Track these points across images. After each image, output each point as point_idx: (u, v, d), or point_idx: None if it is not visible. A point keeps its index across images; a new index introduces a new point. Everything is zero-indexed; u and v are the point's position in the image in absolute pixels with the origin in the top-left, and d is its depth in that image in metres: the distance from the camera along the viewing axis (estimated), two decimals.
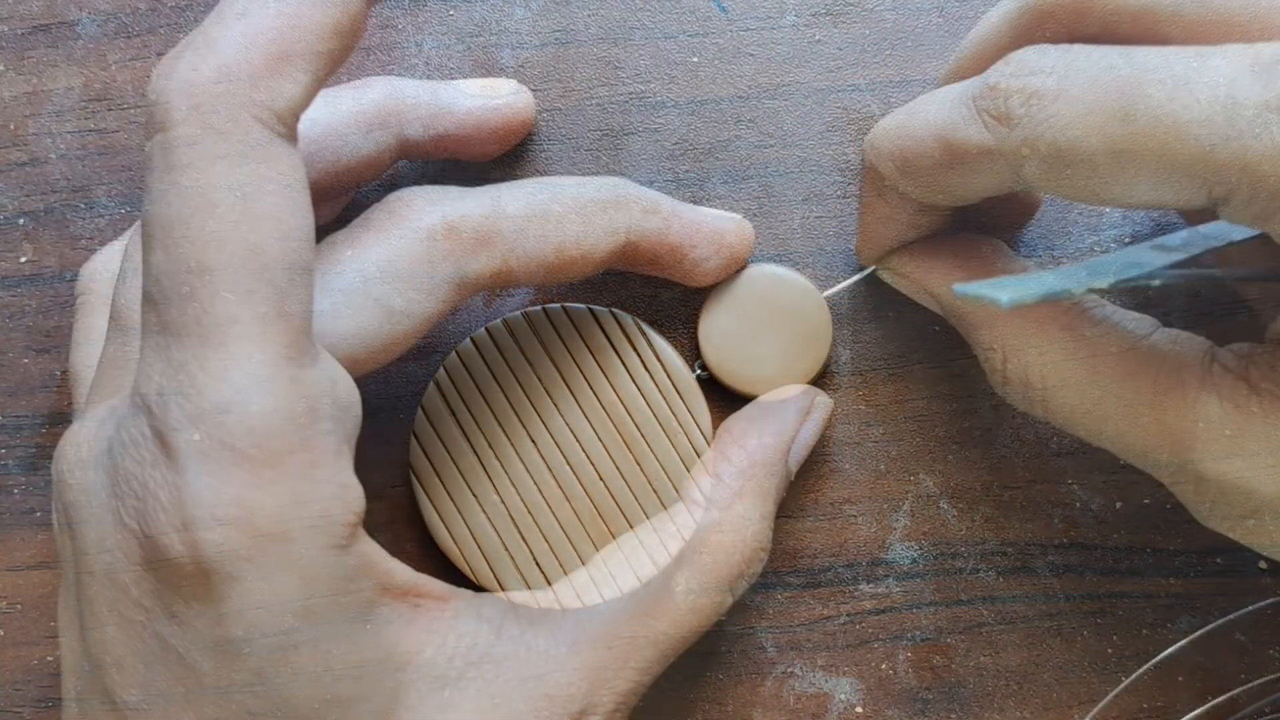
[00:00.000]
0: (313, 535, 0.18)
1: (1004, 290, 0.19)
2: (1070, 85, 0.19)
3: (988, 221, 0.27)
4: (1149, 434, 0.21)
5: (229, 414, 0.18)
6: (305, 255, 0.19)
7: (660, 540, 0.24)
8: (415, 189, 0.23)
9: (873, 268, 0.27)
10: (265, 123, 0.18)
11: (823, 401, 0.27)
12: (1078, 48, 0.19)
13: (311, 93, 0.19)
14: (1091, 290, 0.19)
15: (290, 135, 0.19)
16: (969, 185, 0.22)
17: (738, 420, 0.26)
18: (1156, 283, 0.20)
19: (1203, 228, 0.23)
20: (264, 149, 0.18)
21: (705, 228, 0.26)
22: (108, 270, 0.26)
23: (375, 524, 0.21)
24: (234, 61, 0.18)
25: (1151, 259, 0.21)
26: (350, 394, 0.20)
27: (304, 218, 0.19)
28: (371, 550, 0.20)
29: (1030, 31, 0.22)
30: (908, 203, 0.24)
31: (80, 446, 0.20)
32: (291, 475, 0.18)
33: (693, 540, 0.24)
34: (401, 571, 0.21)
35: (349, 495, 0.19)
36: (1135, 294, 0.27)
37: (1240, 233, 0.22)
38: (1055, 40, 0.21)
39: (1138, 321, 0.23)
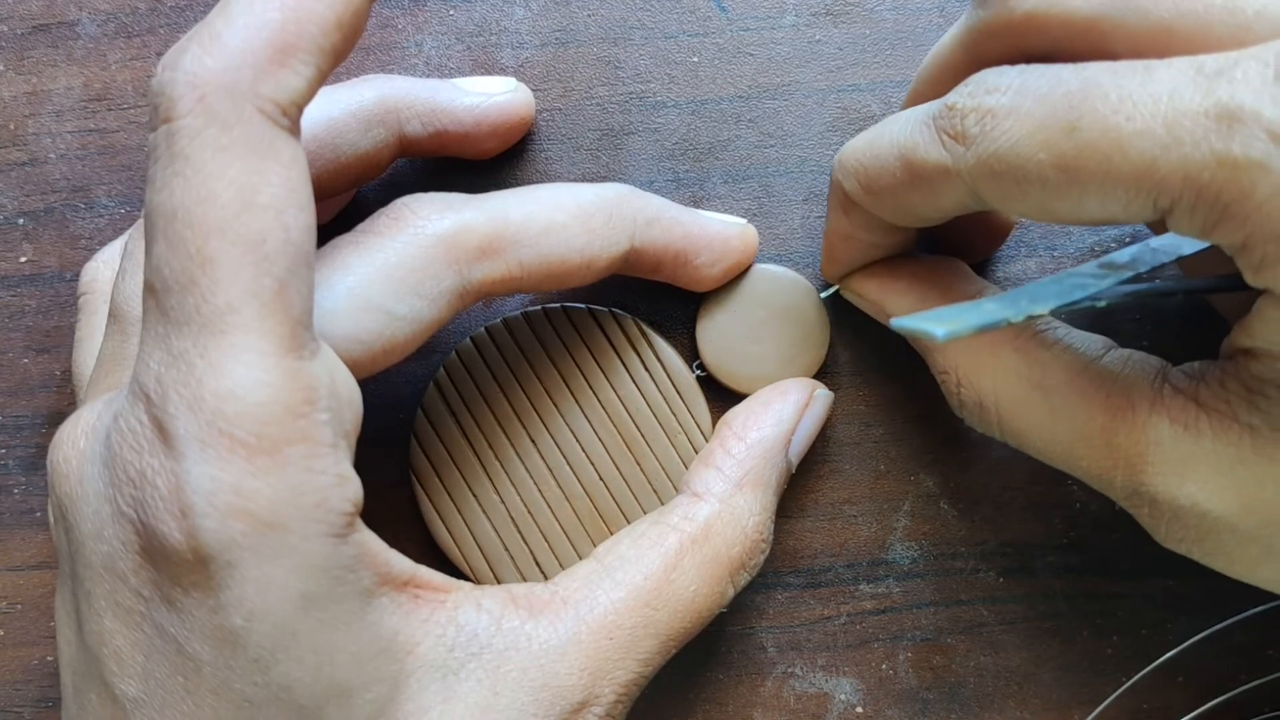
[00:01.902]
0: (310, 524, 0.18)
1: (940, 323, 0.18)
2: (1022, 102, 0.19)
3: (960, 244, 0.27)
4: (1101, 457, 0.21)
5: (228, 402, 0.18)
6: (307, 247, 0.19)
7: (660, 533, 0.24)
8: (421, 196, 0.23)
9: (835, 287, 0.27)
10: (269, 115, 0.18)
11: (822, 394, 0.26)
12: (1034, 67, 0.20)
13: (314, 86, 0.19)
14: (1031, 317, 0.19)
15: (293, 128, 0.19)
16: (931, 205, 0.22)
17: (737, 413, 0.26)
18: (1102, 303, 0.20)
19: (1152, 241, 0.23)
20: (267, 141, 0.18)
21: (709, 234, 0.26)
22: (109, 269, 0.26)
23: (375, 524, 0.21)
24: (238, 54, 0.18)
25: (1096, 279, 0.21)
26: (350, 389, 0.20)
27: (305, 210, 0.19)
28: (370, 540, 0.20)
29: (981, 49, 0.22)
30: (872, 222, 0.24)
31: (77, 438, 0.20)
32: (289, 464, 0.18)
33: (694, 532, 0.24)
34: (401, 562, 0.21)
35: (347, 485, 0.19)
36: (1085, 314, 0.27)
37: (1190, 245, 0.22)
38: (1010, 60, 0.21)
39: (1090, 342, 0.23)
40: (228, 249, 0.18)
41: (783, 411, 0.26)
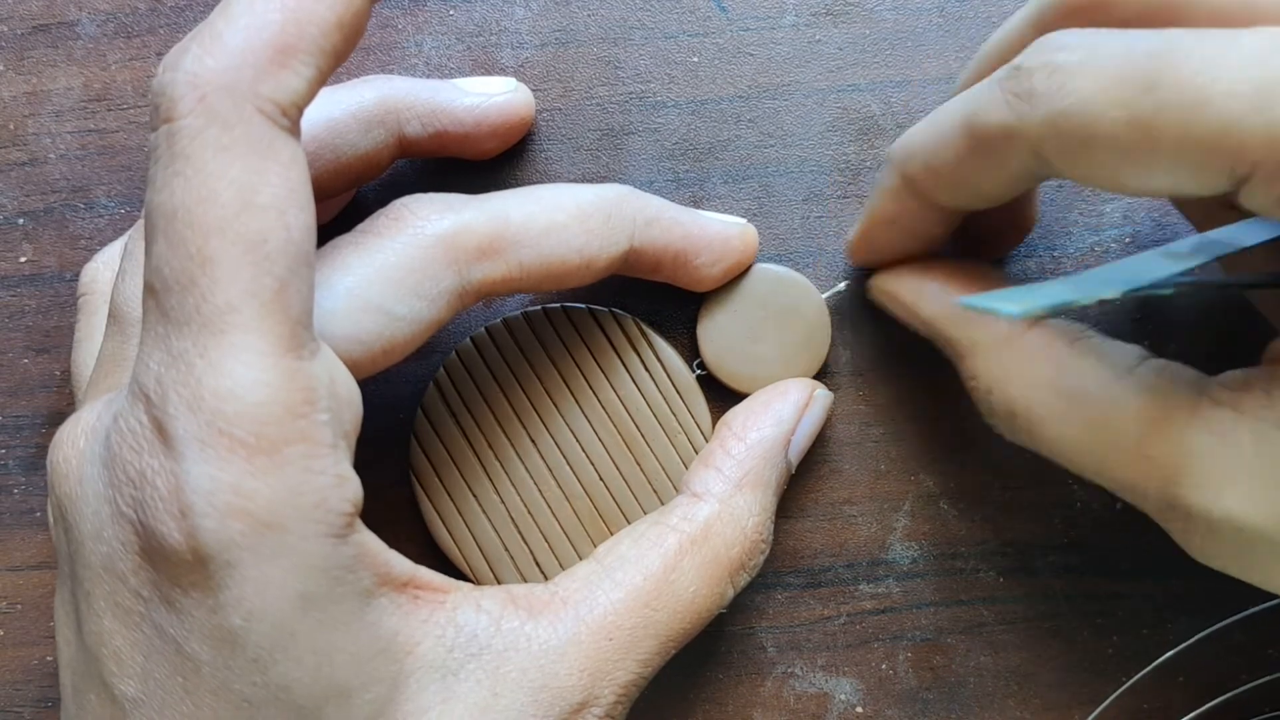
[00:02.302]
0: (310, 524, 0.18)
1: (1010, 302, 0.18)
2: (1095, 58, 0.19)
3: (980, 240, 0.26)
4: (1135, 468, 0.21)
5: (227, 402, 0.18)
6: (307, 247, 0.19)
7: (660, 534, 0.24)
8: (420, 196, 0.23)
9: (837, 287, 0.27)
10: (269, 115, 0.18)
11: (822, 394, 0.26)
12: (1107, 30, 0.19)
13: (315, 87, 0.19)
14: (1101, 300, 0.19)
15: (294, 128, 0.19)
16: (994, 176, 0.22)
17: (737, 413, 0.26)
18: (1169, 291, 0.20)
19: (1212, 233, 0.22)
20: (267, 141, 0.18)
21: (709, 234, 0.26)
22: (108, 270, 0.26)
23: (375, 524, 0.21)
24: (239, 54, 0.18)
25: (1161, 266, 0.20)
26: (350, 389, 0.20)
27: (306, 210, 0.19)
28: (370, 541, 0.20)
29: (1053, 29, 0.21)
30: (923, 207, 0.24)
31: (77, 438, 0.20)
32: (288, 464, 0.18)
33: (693, 533, 0.24)
34: (400, 563, 0.21)
35: (346, 486, 0.19)
36: (1143, 305, 0.27)
37: (1252, 237, 0.22)
38: None
39: (1124, 351, 0.22)
40: (228, 248, 0.18)
41: (782, 412, 0.26)
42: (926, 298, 0.25)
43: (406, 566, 0.21)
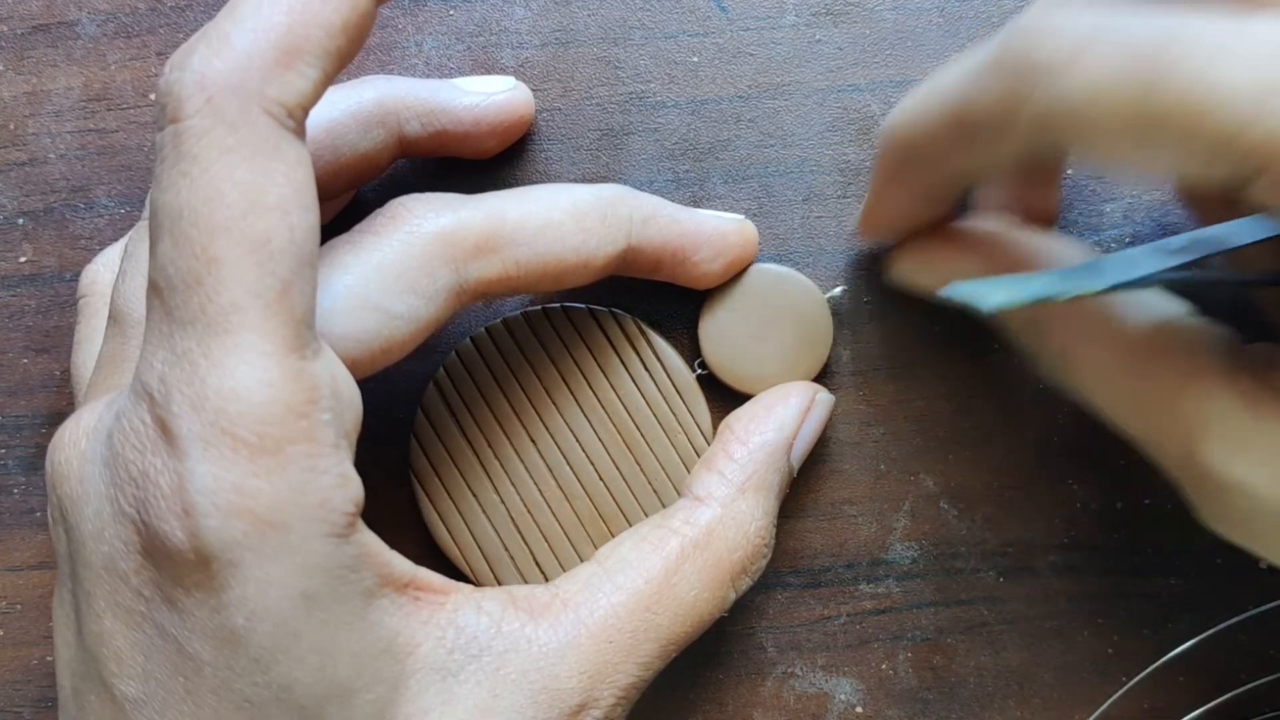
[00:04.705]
0: (312, 524, 0.18)
1: (992, 293, 0.18)
2: (1094, 47, 0.18)
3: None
4: (1164, 419, 0.21)
5: (231, 402, 0.18)
6: (310, 248, 0.19)
7: (662, 537, 0.24)
8: (418, 196, 0.23)
9: (839, 287, 0.27)
10: (275, 117, 0.18)
11: (824, 398, 0.26)
12: (1104, 6, 0.19)
13: (320, 89, 0.19)
14: (1083, 295, 0.19)
15: (299, 130, 0.19)
16: (985, 161, 0.21)
17: (739, 417, 0.26)
18: (1156, 288, 0.20)
19: (1207, 230, 0.22)
20: (273, 142, 0.18)
21: (706, 231, 0.26)
22: (109, 271, 0.26)
23: (375, 524, 0.21)
24: (245, 56, 0.18)
25: (1151, 261, 0.21)
26: (351, 390, 0.20)
27: (310, 211, 0.19)
28: (371, 541, 0.20)
29: None
30: (920, 186, 0.24)
31: (78, 439, 0.20)
32: (291, 464, 0.18)
33: (695, 536, 0.24)
34: (401, 564, 0.21)
35: (349, 486, 0.19)
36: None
37: (1247, 236, 0.22)
38: None
39: (1172, 303, 0.22)
40: (233, 249, 0.18)
41: (785, 416, 0.26)
42: (958, 274, 0.24)
43: (407, 567, 0.21)
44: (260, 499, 0.18)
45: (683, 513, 0.24)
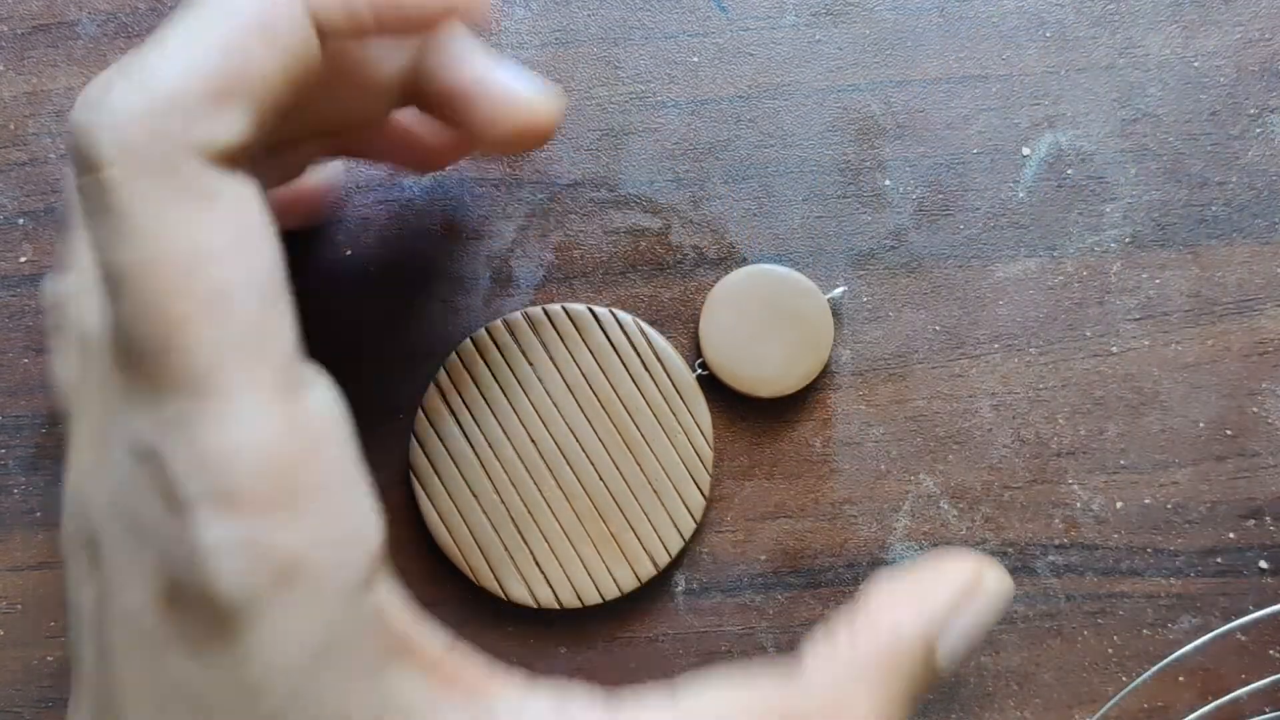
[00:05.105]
0: (331, 573, 0.18)
1: None
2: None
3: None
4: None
5: (232, 461, 0.17)
6: (276, 279, 0.18)
7: (749, 701, 0.20)
8: None
9: (840, 288, 0.26)
10: (205, 159, 0.17)
11: (995, 578, 0.20)
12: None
13: (259, 132, 0.18)
14: None
15: (238, 166, 0.18)
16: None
17: (880, 588, 0.21)
18: None
19: None
20: (206, 186, 0.17)
21: (496, 87, 0.22)
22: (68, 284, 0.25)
23: None
24: (168, 97, 0.17)
25: None
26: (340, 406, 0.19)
27: (265, 245, 0.17)
28: (394, 601, 0.19)
29: None
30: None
31: (94, 494, 0.19)
32: (305, 515, 0.17)
33: (786, 713, 0.19)
34: (432, 638, 0.19)
35: (367, 527, 0.18)
36: None
37: None
38: None
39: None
40: (193, 307, 0.17)
41: (934, 595, 0.20)
42: None
43: (439, 642, 0.19)
44: (277, 553, 0.17)
45: (781, 683, 0.20)
